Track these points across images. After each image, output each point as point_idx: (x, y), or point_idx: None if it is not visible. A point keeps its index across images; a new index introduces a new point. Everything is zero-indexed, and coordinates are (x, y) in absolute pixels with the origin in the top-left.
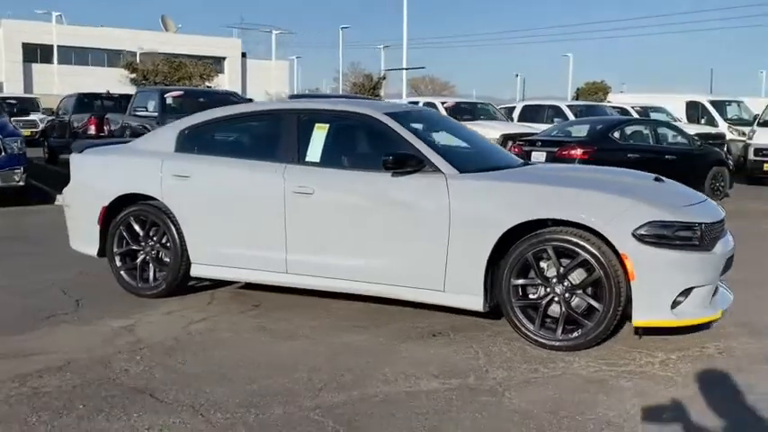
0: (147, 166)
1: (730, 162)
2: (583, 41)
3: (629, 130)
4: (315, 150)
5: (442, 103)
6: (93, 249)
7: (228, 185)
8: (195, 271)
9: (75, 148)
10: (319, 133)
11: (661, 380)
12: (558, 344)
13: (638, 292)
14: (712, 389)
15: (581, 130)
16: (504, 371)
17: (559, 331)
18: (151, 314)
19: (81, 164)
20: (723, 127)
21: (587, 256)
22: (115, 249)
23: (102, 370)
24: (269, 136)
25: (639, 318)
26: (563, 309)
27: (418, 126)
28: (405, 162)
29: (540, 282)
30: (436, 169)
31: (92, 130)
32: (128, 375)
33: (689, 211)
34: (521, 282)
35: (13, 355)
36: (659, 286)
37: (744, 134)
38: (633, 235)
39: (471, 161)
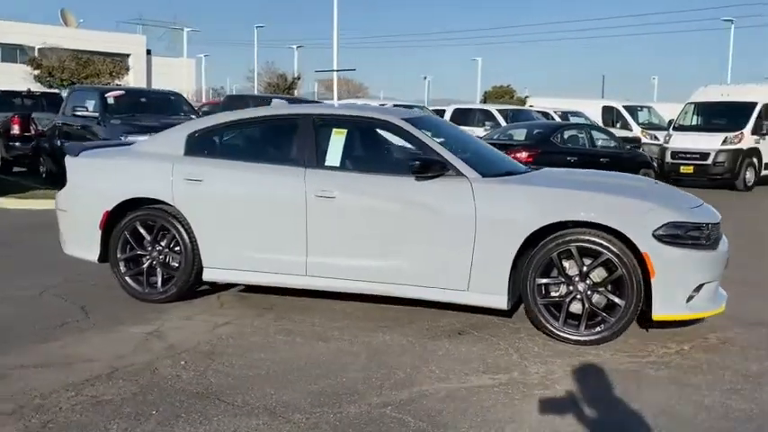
0: (157, 169)
1: (655, 164)
2: (490, 46)
3: (567, 133)
4: (334, 155)
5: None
6: (92, 255)
7: (245, 189)
8: (208, 275)
9: (69, 151)
10: (338, 138)
11: (688, 368)
12: (582, 339)
13: (658, 288)
14: (735, 372)
15: (522, 134)
16: (542, 365)
17: (583, 327)
18: (170, 319)
19: (79, 167)
20: (637, 131)
21: (611, 256)
22: (119, 255)
23: (151, 376)
24: (285, 140)
25: (659, 312)
26: (586, 305)
27: (428, 132)
28: (430, 167)
29: (563, 280)
30: (459, 173)
31: (15, 130)
32: (182, 380)
33: (696, 213)
34: (544, 281)
35: (50, 365)
36: (676, 283)
37: (656, 138)
38: (653, 235)
39: (488, 166)
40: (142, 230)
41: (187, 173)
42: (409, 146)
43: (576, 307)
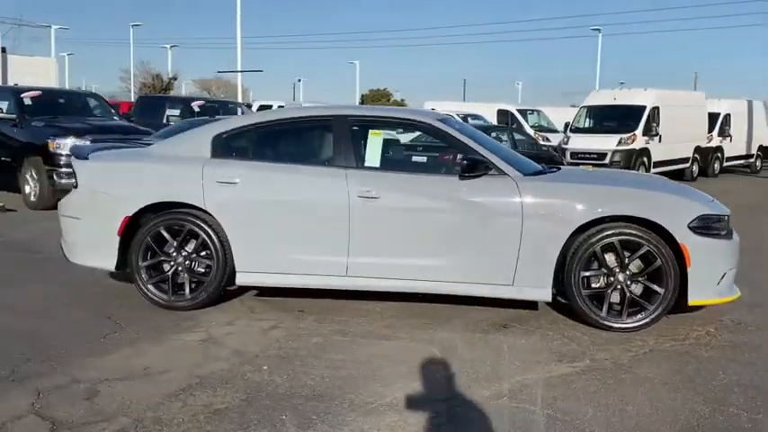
0: (185, 172)
1: (564, 163)
2: (365, 50)
3: (492, 135)
4: (373, 155)
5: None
6: (108, 263)
7: (284, 191)
8: (241, 279)
9: (76, 154)
10: (375, 139)
11: (728, 347)
12: (625, 326)
13: (693, 276)
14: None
15: None
16: (604, 352)
17: (625, 315)
18: (212, 326)
19: (93, 171)
20: (531, 132)
21: (650, 248)
22: (141, 262)
23: (245, 383)
24: (320, 141)
25: (694, 297)
26: (627, 295)
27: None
28: (476, 166)
29: (605, 272)
30: (502, 173)
31: None
32: (282, 385)
33: (714, 206)
34: (587, 273)
35: (132, 377)
36: (708, 270)
37: (547, 139)
38: (689, 227)
39: (522, 165)
40: (167, 235)
41: (219, 175)
42: (453, 147)
43: (614, 297)
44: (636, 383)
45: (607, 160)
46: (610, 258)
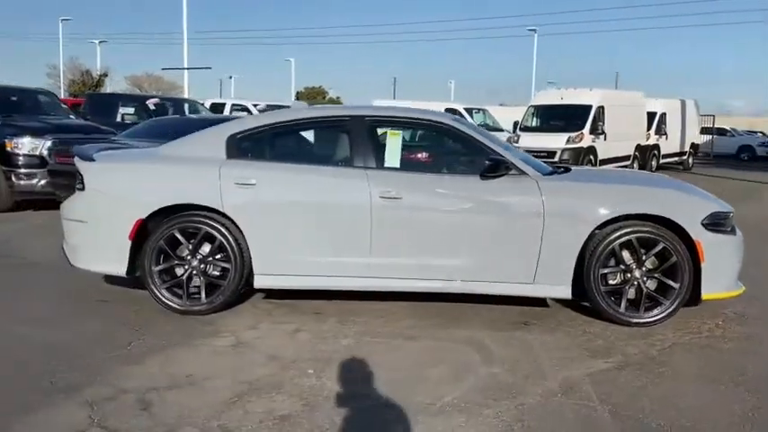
0: (201, 173)
1: None
2: (301, 47)
3: None
4: (393, 156)
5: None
6: (118, 268)
7: (305, 192)
8: (260, 282)
9: (80, 155)
10: (394, 139)
11: (743, 339)
12: (642, 321)
13: (707, 271)
14: None
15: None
16: (630, 347)
17: (642, 310)
18: (237, 330)
19: (102, 173)
20: None
21: (666, 244)
22: (153, 266)
23: (299, 388)
24: (339, 142)
25: (707, 292)
26: (644, 290)
27: None
28: (499, 167)
29: (623, 269)
30: (522, 172)
31: None
32: (333, 388)
33: (721, 204)
34: (605, 270)
35: (177, 386)
36: (720, 265)
37: None
38: (702, 224)
39: (537, 165)
40: (181, 239)
41: (237, 176)
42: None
43: (630, 292)
44: (676, 377)
45: (557, 158)
46: (626, 255)
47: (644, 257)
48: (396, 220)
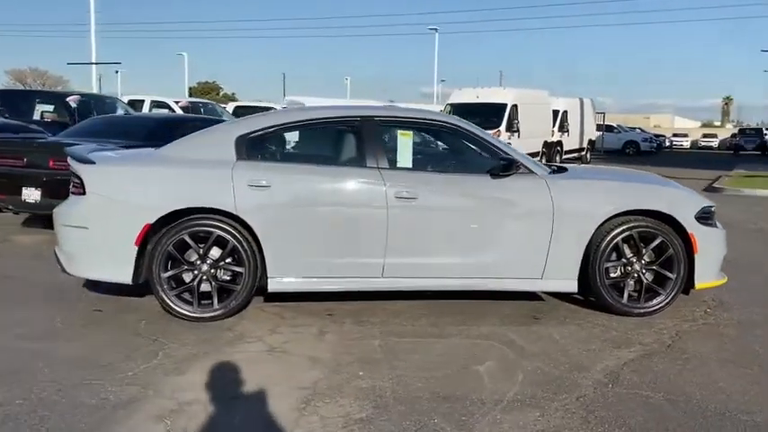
0: (212, 175)
1: None
2: (195, 41)
3: None
4: (405, 156)
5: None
6: (123, 276)
7: (320, 193)
8: (274, 285)
9: (78, 157)
10: (405, 140)
11: (737, 324)
12: (644, 310)
13: (699, 261)
14: (760, 313)
15: None
16: (644, 336)
17: (643, 300)
18: (263, 335)
19: (106, 176)
20: None
21: (664, 238)
22: (162, 273)
23: (357, 390)
24: (351, 142)
25: (700, 281)
26: (645, 282)
27: None
28: (510, 166)
29: (624, 262)
30: (530, 171)
31: None
32: (394, 389)
33: (706, 199)
34: (608, 264)
35: (251, 393)
36: (710, 256)
37: None
38: (695, 218)
39: (539, 164)
40: (192, 243)
41: (250, 178)
42: (481, 147)
43: (630, 284)
44: (702, 362)
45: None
46: (627, 249)
47: (643, 251)
48: (411, 220)
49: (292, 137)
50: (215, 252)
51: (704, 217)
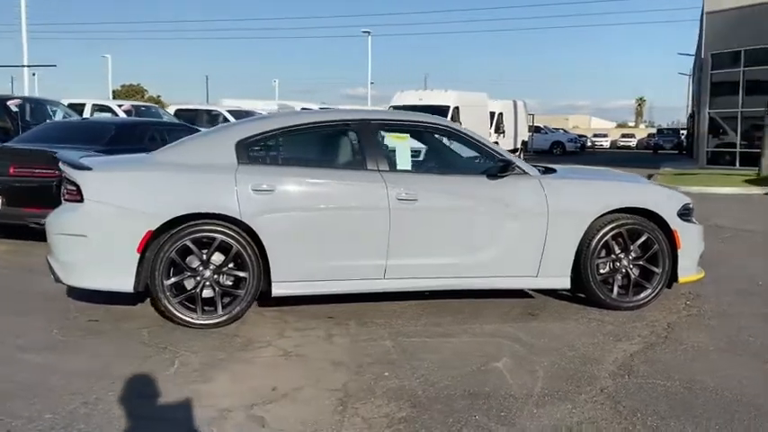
0: (215, 180)
1: None
2: (117, 43)
3: None
4: (403, 159)
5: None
6: (124, 284)
7: (324, 196)
8: (278, 290)
9: (73, 163)
10: (402, 143)
11: (721, 315)
12: (632, 304)
13: (682, 256)
14: (737, 303)
15: None
16: (638, 329)
17: (631, 295)
18: (273, 339)
19: (106, 182)
20: None
21: (650, 234)
22: (165, 280)
23: (389, 391)
24: (350, 146)
25: (683, 275)
26: (632, 277)
27: None
28: (507, 167)
29: (613, 258)
30: (524, 172)
31: None
32: (424, 388)
33: (684, 196)
34: (599, 261)
35: (270, 399)
36: (692, 251)
37: None
38: (677, 215)
39: (530, 165)
40: (194, 249)
41: (254, 183)
42: (475, 149)
43: (618, 279)
44: (704, 352)
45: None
46: (615, 246)
47: (631, 247)
48: (412, 222)
49: (292, 140)
50: (216, 258)
51: (685, 213)
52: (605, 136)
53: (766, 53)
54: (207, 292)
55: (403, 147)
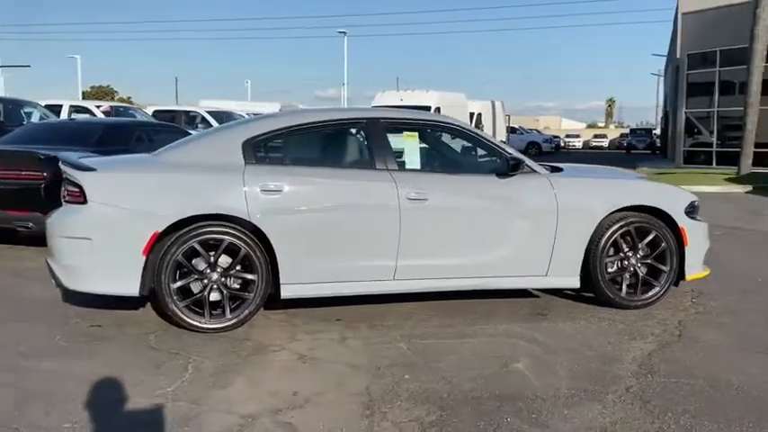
0: (223, 180)
1: None
2: (86, 43)
3: None
4: (412, 158)
5: None
6: (130, 288)
7: (333, 196)
8: (287, 292)
9: (75, 164)
10: (411, 141)
11: (729, 312)
12: (641, 303)
13: (689, 254)
14: (742, 300)
15: None
16: (650, 327)
17: (640, 293)
18: (284, 342)
19: (111, 183)
20: None
21: (658, 232)
22: (172, 284)
23: (414, 394)
24: (358, 145)
25: (690, 272)
26: (641, 275)
27: None
28: (517, 166)
29: (622, 257)
30: (533, 171)
31: None
32: (449, 391)
33: (690, 193)
34: (608, 259)
35: (294, 405)
36: (698, 248)
37: None
38: (685, 213)
39: (538, 164)
40: (202, 251)
41: (263, 183)
42: (484, 148)
43: (626, 278)
44: (721, 350)
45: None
46: (623, 244)
47: (639, 245)
48: (422, 221)
49: (300, 139)
50: (222, 260)
51: (691, 211)
52: (578, 136)
53: (742, 53)
54: (214, 296)
55: (412, 145)
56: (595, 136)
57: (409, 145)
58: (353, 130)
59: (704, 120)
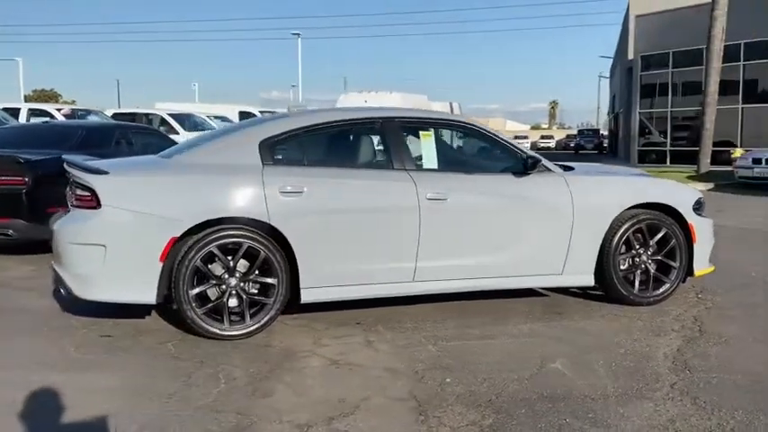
0: (241, 182)
1: None
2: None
3: None
4: (430, 157)
5: None
6: (147, 295)
7: (354, 198)
8: (307, 296)
9: (86, 167)
10: (427, 141)
11: (740, 307)
12: (653, 299)
13: (697, 250)
14: (747, 294)
15: None
16: (672, 323)
17: (651, 289)
18: (309, 346)
19: (126, 187)
20: None
21: (668, 229)
22: (189, 290)
23: (463, 398)
24: (375, 145)
25: (698, 268)
26: (651, 272)
27: None
28: (534, 165)
29: (633, 254)
30: (548, 170)
31: None
32: (496, 393)
33: (696, 190)
34: (620, 257)
35: (343, 412)
36: (705, 244)
37: None
38: (692, 209)
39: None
40: (220, 256)
41: (282, 185)
42: (500, 148)
43: (637, 275)
44: (746, 344)
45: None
46: (634, 242)
47: (650, 242)
48: (441, 222)
49: (317, 140)
50: (241, 264)
51: (698, 207)
52: (526, 138)
53: (696, 55)
54: (232, 302)
55: (429, 144)
56: (542, 137)
57: (426, 144)
58: (370, 130)
59: (659, 120)
